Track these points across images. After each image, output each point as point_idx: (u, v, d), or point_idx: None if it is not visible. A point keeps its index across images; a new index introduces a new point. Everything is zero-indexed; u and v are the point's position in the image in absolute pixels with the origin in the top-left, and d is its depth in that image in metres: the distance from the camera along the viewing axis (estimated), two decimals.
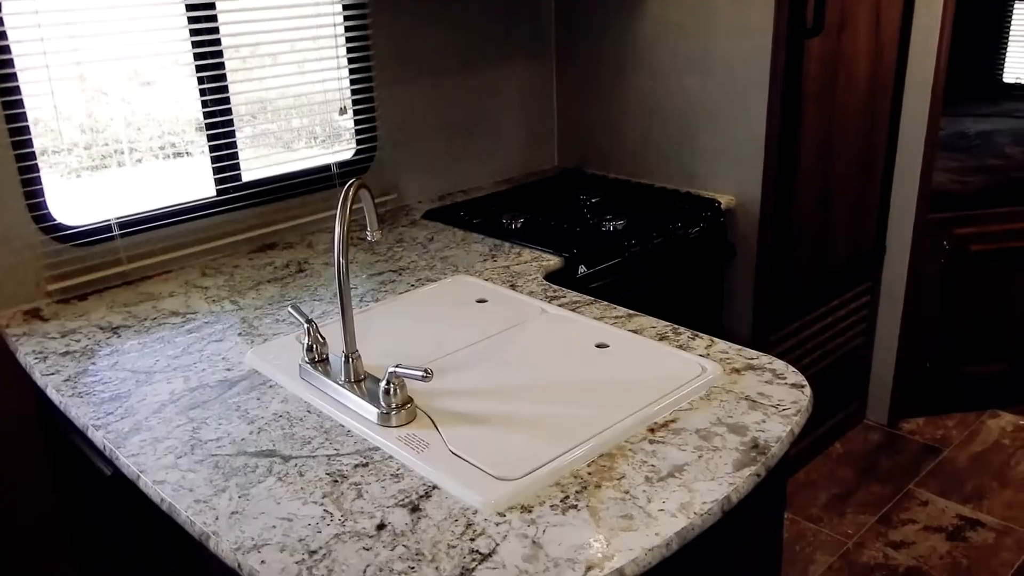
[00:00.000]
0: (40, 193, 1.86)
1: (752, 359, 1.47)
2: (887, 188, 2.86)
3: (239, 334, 1.69)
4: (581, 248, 2.08)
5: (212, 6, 2.03)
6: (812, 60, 2.36)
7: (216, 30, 2.05)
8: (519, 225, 2.25)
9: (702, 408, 1.33)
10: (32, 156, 1.84)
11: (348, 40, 2.31)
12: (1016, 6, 4.10)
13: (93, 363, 1.59)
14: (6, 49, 1.76)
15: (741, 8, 2.28)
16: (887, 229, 2.92)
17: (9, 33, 1.75)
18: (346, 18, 2.29)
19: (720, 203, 2.41)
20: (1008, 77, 4.19)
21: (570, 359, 1.51)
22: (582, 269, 2.05)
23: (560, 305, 1.74)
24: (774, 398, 1.34)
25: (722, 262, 2.48)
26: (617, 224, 2.24)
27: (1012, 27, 4.12)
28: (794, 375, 1.41)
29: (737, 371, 1.44)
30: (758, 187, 2.39)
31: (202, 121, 2.10)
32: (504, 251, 2.09)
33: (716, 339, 1.55)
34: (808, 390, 1.36)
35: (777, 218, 2.44)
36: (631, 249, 2.17)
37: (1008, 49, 4.16)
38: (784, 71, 2.29)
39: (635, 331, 1.60)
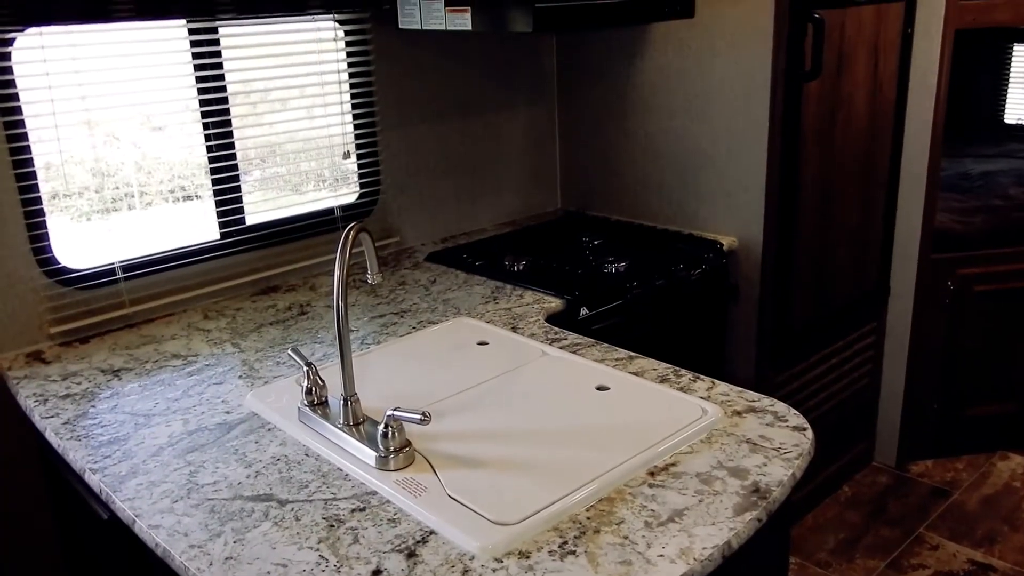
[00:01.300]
0: (45, 237, 1.88)
1: (753, 401, 1.46)
2: (889, 228, 2.87)
3: (239, 377, 1.69)
4: (583, 290, 2.08)
5: (218, 54, 2.06)
6: (811, 102, 2.38)
7: (221, 77, 2.08)
8: (521, 267, 2.25)
9: (703, 451, 1.32)
10: (38, 201, 1.86)
11: (352, 86, 2.34)
12: (1016, 47, 4.13)
13: (93, 406, 1.59)
14: (15, 96, 1.78)
15: (740, 53, 2.30)
16: (891, 269, 2.91)
17: (18, 81, 1.78)
18: (350, 64, 2.32)
19: (722, 244, 2.41)
20: (1009, 118, 4.21)
21: (570, 401, 1.50)
22: (584, 311, 2.05)
23: (561, 347, 1.73)
24: (775, 441, 1.33)
25: (724, 303, 2.48)
26: (619, 266, 2.24)
27: (1012, 68, 4.15)
28: (795, 417, 1.40)
29: (738, 413, 1.42)
30: (760, 228, 2.39)
31: (207, 165, 2.12)
32: (506, 293, 2.10)
33: (717, 381, 1.55)
34: (810, 433, 1.35)
35: (779, 259, 2.44)
36: (633, 291, 2.16)
37: (1008, 90, 4.19)
38: (784, 114, 2.31)
39: (636, 373, 1.59)
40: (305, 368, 1.47)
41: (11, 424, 1.82)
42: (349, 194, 2.42)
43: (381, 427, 1.30)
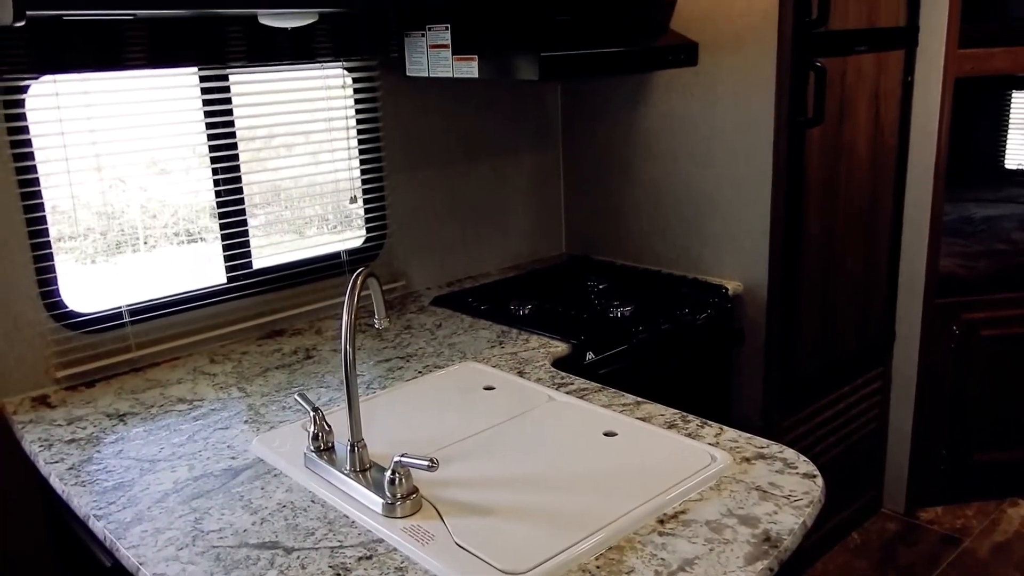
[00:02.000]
0: (53, 281, 1.89)
1: (762, 448, 1.46)
2: (894, 273, 2.87)
3: (245, 421, 1.68)
4: (589, 335, 2.08)
5: (228, 100, 2.09)
6: (814, 149, 2.40)
7: (231, 122, 2.11)
8: (527, 312, 2.26)
9: (712, 499, 1.31)
10: (48, 245, 1.87)
11: (360, 131, 2.37)
12: (1014, 94, 4.18)
13: (98, 451, 1.58)
14: (27, 142, 1.81)
15: (743, 100, 2.33)
16: (896, 314, 2.91)
17: (32, 127, 1.81)
18: (358, 110, 2.35)
19: (727, 289, 2.42)
20: (1009, 163, 4.24)
21: (578, 447, 1.49)
22: (590, 356, 2.05)
23: (568, 392, 1.73)
24: (785, 488, 1.32)
25: (730, 348, 2.48)
26: (624, 310, 2.24)
27: (1012, 114, 4.19)
28: (805, 464, 1.39)
29: (747, 460, 1.41)
30: (764, 273, 2.40)
31: (215, 209, 2.14)
32: (512, 338, 2.09)
33: (725, 427, 1.54)
34: (820, 480, 1.34)
35: (784, 303, 2.45)
36: (639, 336, 2.16)
37: (1008, 136, 4.22)
38: (787, 160, 2.33)
39: (643, 419, 1.59)
40: (312, 413, 1.46)
41: (15, 469, 1.81)
42: (355, 238, 2.44)
43: (388, 473, 1.29)
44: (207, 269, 2.15)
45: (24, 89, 1.78)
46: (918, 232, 2.81)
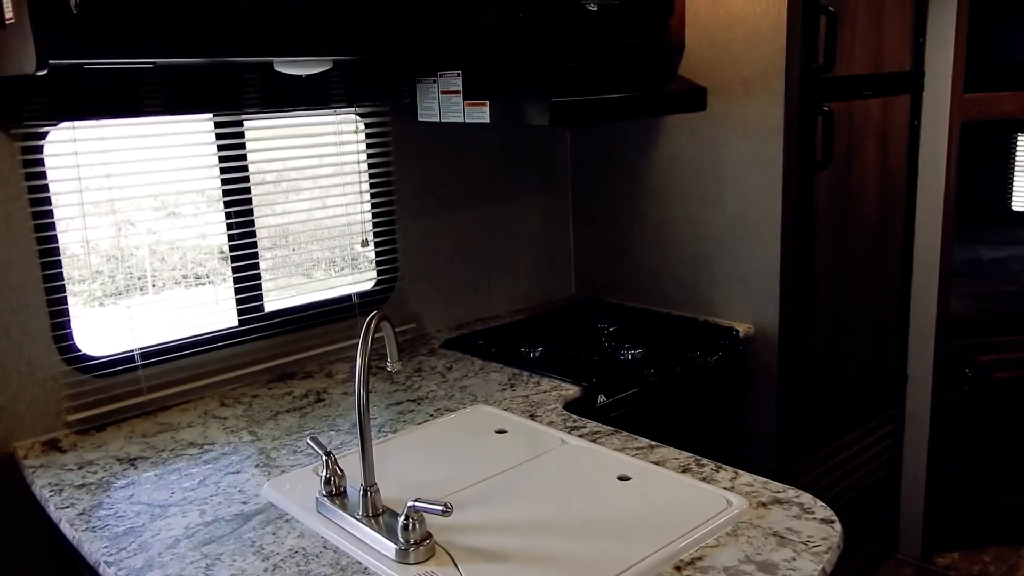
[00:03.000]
0: (67, 324, 1.90)
1: (778, 492, 1.44)
2: (905, 314, 2.87)
3: (256, 465, 1.67)
4: (600, 377, 2.08)
5: (242, 145, 2.12)
6: (822, 191, 2.42)
7: (245, 167, 2.13)
8: (537, 354, 2.25)
9: (729, 544, 1.29)
10: (62, 288, 1.88)
11: (371, 175, 2.39)
12: (1020, 137, 4.20)
13: (108, 496, 1.57)
14: (45, 188, 1.83)
15: (752, 144, 2.35)
16: (908, 356, 2.90)
17: (49, 172, 1.83)
18: (370, 155, 2.37)
19: (738, 331, 2.41)
20: (1017, 205, 4.25)
21: (592, 492, 1.48)
22: (601, 399, 2.04)
23: (580, 436, 1.72)
24: (803, 534, 1.30)
25: (742, 390, 2.46)
26: (635, 353, 2.24)
27: (1018, 157, 4.21)
28: (823, 509, 1.38)
29: (764, 505, 1.40)
30: (775, 315, 2.40)
31: (227, 252, 2.15)
32: (523, 380, 2.09)
33: (740, 471, 1.52)
34: (838, 526, 1.32)
35: (796, 346, 2.44)
36: (650, 378, 2.16)
37: (1016, 178, 4.24)
38: (796, 202, 2.34)
39: (657, 463, 1.57)
40: (324, 457, 1.46)
41: (25, 514, 1.80)
42: (366, 281, 2.45)
43: (401, 518, 1.28)
44: (216, 312, 2.16)
45: (43, 135, 1.81)
46: (928, 274, 2.81)
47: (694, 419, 2.30)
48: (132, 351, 1.99)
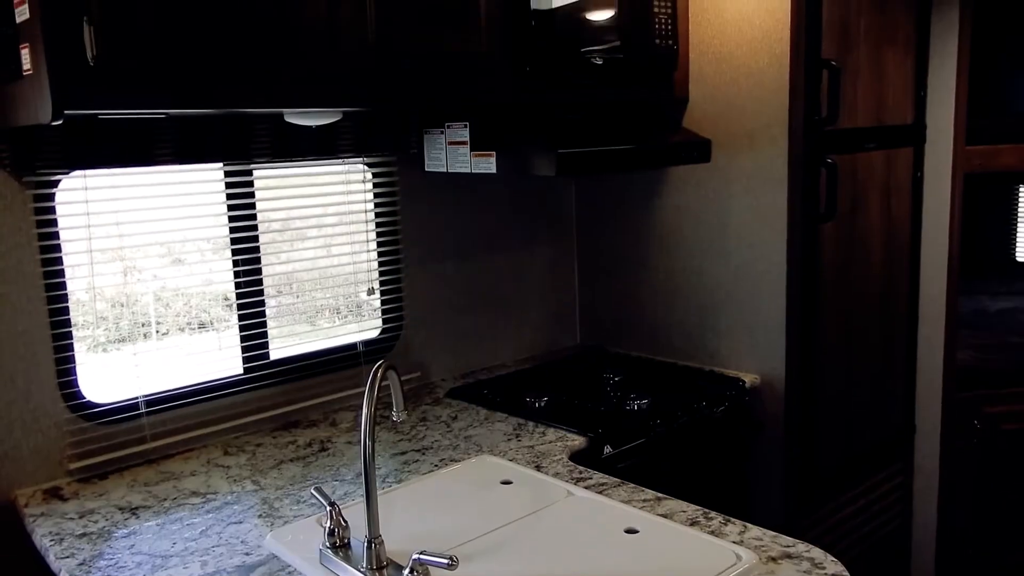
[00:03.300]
0: (72, 372, 1.90)
1: (788, 547, 1.42)
2: (912, 366, 2.85)
3: (259, 516, 1.66)
4: (606, 428, 2.06)
5: (251, 194, 2.14)
6: (827, 243, 2.43)
7: (253, 216, 2.15)
8: (543, 404, 2.24)
9: None
10: (68, 335, 1.88)
11: (378, 224, 2.40)
12: (1022, 189, 4.22)
13: (109, 546, 1.55)
14: (55, 235, 1.84)
15: (756, 195, 2.37)
16: (915, 408, 2.88)
17: (60, 220, 1.84)
18: (377, 204, 2.39)
19: (744, 382, 2.40)
20: (1020, 256, 4.25)
21: (599, 545, 1.46)
22: (608, 449, 2.03)
23: (587, 487, 1.70)
24: None
25: (748, 442, 2.44)
26: (641, 403, 2.22)
27: (1020, 207, 4.22)
28: (833, 564, 1.35)
29: (773, 560, 1.38)
30: (782, 366, 2.39)
31: (232, 299, 2.16)
32: (528, 430, 2.08)
33: (749, 525, 1.50)
34: None
35: (803, 397, 2.43)
36: (657, 429, 2.14)
37: (1019, 229, 4.25)
38: (801, 253, 2.35)
39: (665, 515, 1.55)
40: (328, 508, 1.44)
41: (25, 563, 1.77)
42: (371, 329, 2.45)
43: (406, 571, 1.26)
44: (219, 359, 2.15)
45: (55, 183, 1.83)
46: (935, 325, 2.81)
47: (701, 470, 2.28)
48: (137, 398, 1.98)
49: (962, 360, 2.92)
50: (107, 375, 1.98)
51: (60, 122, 1.45)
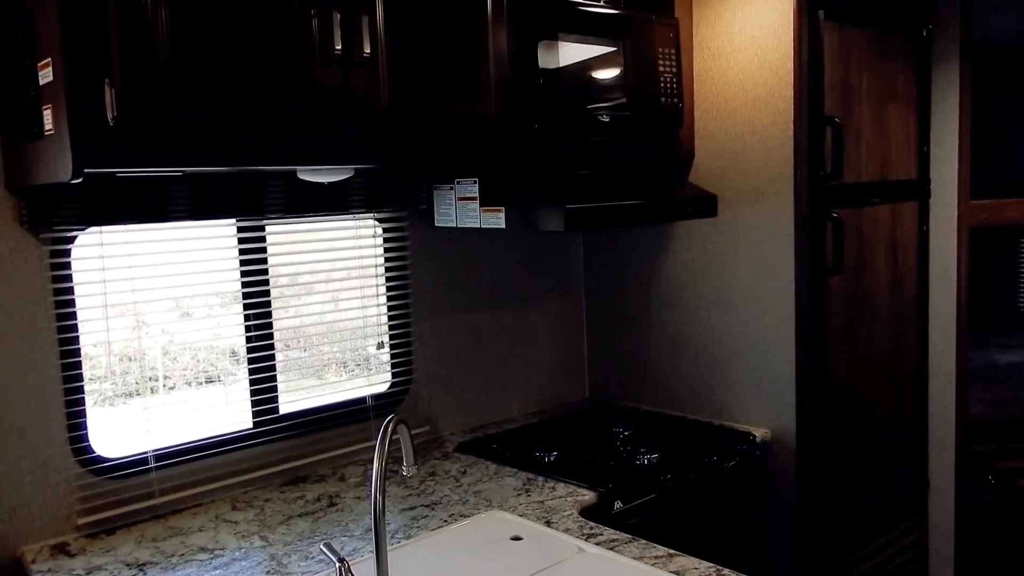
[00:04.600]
0: (83, 426, 1.90)
1: None
2: (923, 421, 2.84)
3: (267, 572, 1.64)
4: (616, 483, 2.05)
5: (263, 249, 2.17)
6: (835, 297, 2.43)
7: (265, 271, 2.17)
8: (552, 458, 2.23)
9: None
10: (80, 390, 1.89)
11: (388, 278, 2.42)
12: None
13: None
14: (70, 291, 1.87)
15: (764, 249, 2.39)
16: (928, 463, 2.85)
17: (75, 275, 1.87)
18: (387, 259, 2.42)
19: (754, 436, 2.39)
20: None
21: None
22: (618, 504, 2.01)
23: (598, 543, 1.68)
24: None
25: (760, 497, 2.42)
26: (651, 457, 2.21)
27: None
28: None
29: None
30: (792, 420, 2.38)
31: (240, 353, 2.17)
32: (538, 485, 2.06)
33: None
34: None
35: (813, 452, 2.41)
36: (667, 484, 2.13)
37: None
38: (808, 307, 2.36)
39: (677, 572, 1.54)
40: (337, 564, 1.43)
41: None
42: (381, 383, 2.45)
43: None
44: (226, 413, 2.16)
45: (71, 240, 1.86)
46: (945, 379, 2.80)
47: (712, 526, 2.25)
48: (145, 453, 1.98)
49: (974, 415, 2.90)
50: (116, 429, 1.98)
51: (79, 180, 1.48)
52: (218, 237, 2.11)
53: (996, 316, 4.27)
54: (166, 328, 2.08)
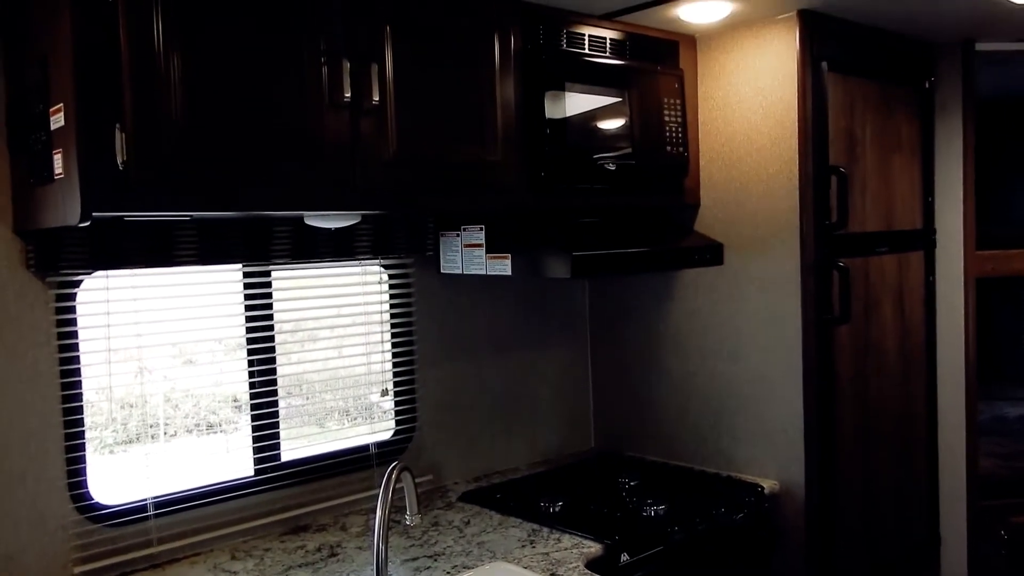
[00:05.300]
0: (83, 472, 1.87)
1: None
2: (933, 474, 2.79)
3: None
4: (623, 534, 2.01)
5: (269, 295, 2.16)
6: (842, 346, 2.42)
7: (270, 316, 2.17)
8: (557, 509, 2.19)
9: None
10: (81, 435, 1.87)
11: (393, 324, 2.41)
12: None
13: None
14: (74, 335, 1.86)
15: (770, 298, 2.38)
16: (939, 517, 2.80)
17: (80, 320, 1.86)
18: (392, 305, 2.41)
19: (763, 488, 2.35)
20: None
21: None
22: (625, 557, 1.97)
23: None
24: None
25: (769, 550, 2.37)
26: (659, 509, 2.18)
27: None
28: None
29: None
30: (801, 472, 2.34)
31: (241, 400, 2.15)
32: (543, 537, 2.03)
33: None
34: None
35: (824, 504, 2.37)
36: (674, 536, 2.09)
37: None
38: (816, 357, 2.34)
39: None
40: None
41: None
42: (384, 431, 2.42)
43: None
44: (227, 461, 2.13)
45: (78, 283, 1.85)
46: (955, 431, 2.77)
47: None
48: (144, 500, 1.95)
49: (985, 468, 2.86)
50: (115, 476, 1.96)
51: (87, 223, 1.49)
52: (223, 282, 2.11)
53: (1003, 368, 4.24)
54: (168, 374, 2.06)
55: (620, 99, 2.26)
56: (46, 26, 1.55)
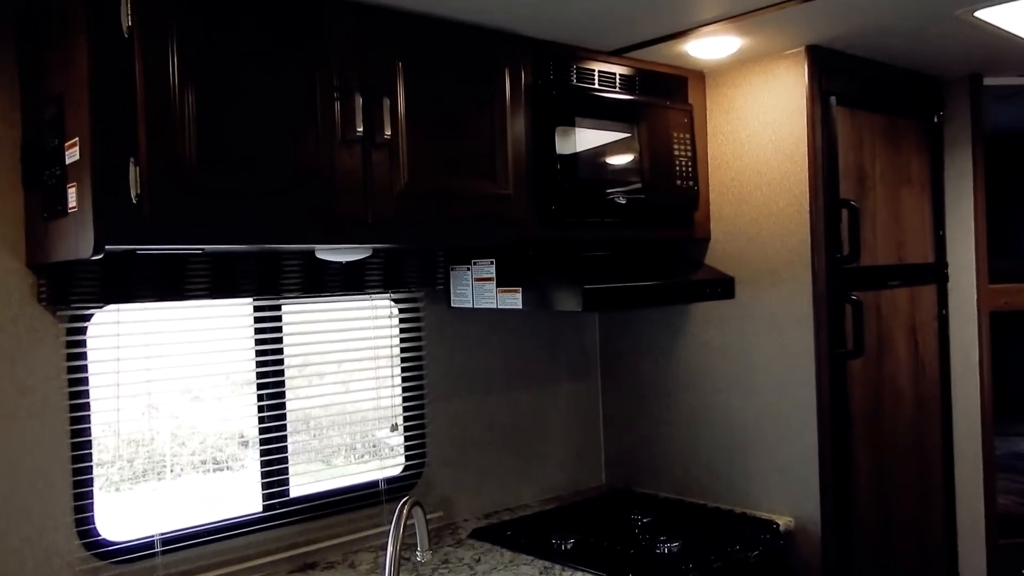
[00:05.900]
0: (90, 508, 1.86)
1: None
2: (951, 511, 2.75)
3: None
4: (636, 572, 1.98)
5: (279, 329, 2.16)
6: (856, 381, 2.39)
7: (280, 350, 2.16)
8: (569, 546, 2.16)
9: None
10: (89, 471, 1.85)
11: (403, 359, 2.40)
12: None
13: None
14: (84, 368, 1.85)
15: (782, 332, 2.36)
16: (958, 556, 2.75)
17: (90, 354, 1.86)
18: (402, 339, 2.40)
19: (778, 524, 2.31)
20: None
21: None
22: None
23: None
24: None
25: None
26: (672, 546, 2.14)
27: None
28: None
29: None
30: (816, 509, 2.31)
31: (248, 437, 2.14)
32: (555, 574, 1.99)
33: None
34: None
35: (840, 542, 2.32)
36: (689, 574, 2.05)
37: None
38: (830, 391, 2.31)
39: None
40: None
41: None
42: (394, 467, 2.40)
43: None
44: (234, 498, 2.10)
45: (88, 317, 1.85)
46: (972, 467, 2.72)
47: None
48: (152, 537, 1.93)
49: (1004, 506, 2.81)
50: (122, 513, 1.93)
51: (100, 256, 1.49)
52: (234, 316, 2.10)
53: (1017, 403, 4.19)
54: (176, 412, 2.05)
55: (630, 134, 2.27)
56: (63, 62, 1.57)
